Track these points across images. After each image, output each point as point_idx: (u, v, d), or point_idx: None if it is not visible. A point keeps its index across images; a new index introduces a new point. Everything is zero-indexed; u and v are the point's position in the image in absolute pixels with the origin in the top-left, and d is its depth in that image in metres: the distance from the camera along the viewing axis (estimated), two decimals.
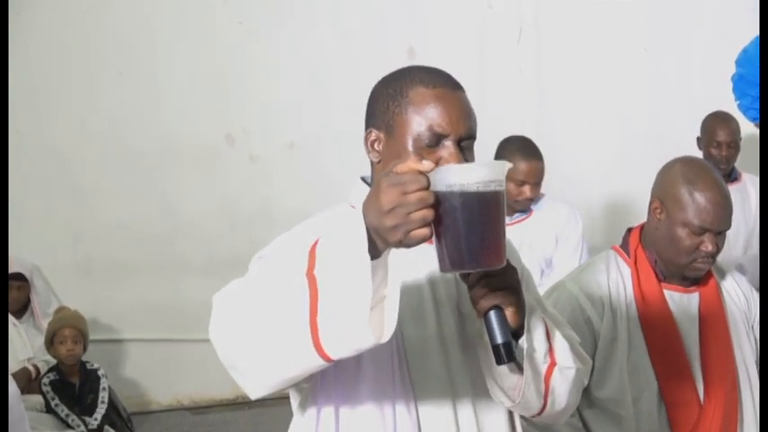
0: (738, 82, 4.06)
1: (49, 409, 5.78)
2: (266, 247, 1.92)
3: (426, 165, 1.54)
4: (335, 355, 1.57)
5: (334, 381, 1.89)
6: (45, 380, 5.84)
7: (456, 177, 1.54)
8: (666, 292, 2.94)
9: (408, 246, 1.54)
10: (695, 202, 2.81)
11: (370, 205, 1.54)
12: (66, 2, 6.71)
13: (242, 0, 6.95)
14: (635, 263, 2.97)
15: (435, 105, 1.84)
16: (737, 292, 3.07)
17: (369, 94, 1.98)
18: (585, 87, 7.08)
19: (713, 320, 2.94)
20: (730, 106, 5.29)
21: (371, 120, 1.95)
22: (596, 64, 7.07)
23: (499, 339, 1.75)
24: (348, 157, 6.90)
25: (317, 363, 1.59)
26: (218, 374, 6.99)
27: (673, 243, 2.86)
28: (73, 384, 5.91)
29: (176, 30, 6.88)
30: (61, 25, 6.70)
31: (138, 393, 6.97)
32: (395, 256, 1.57)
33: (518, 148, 4.61)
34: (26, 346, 6.18)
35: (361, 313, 1.52)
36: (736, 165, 5.39)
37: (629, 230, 3.08)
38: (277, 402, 7.28)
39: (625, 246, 3.04)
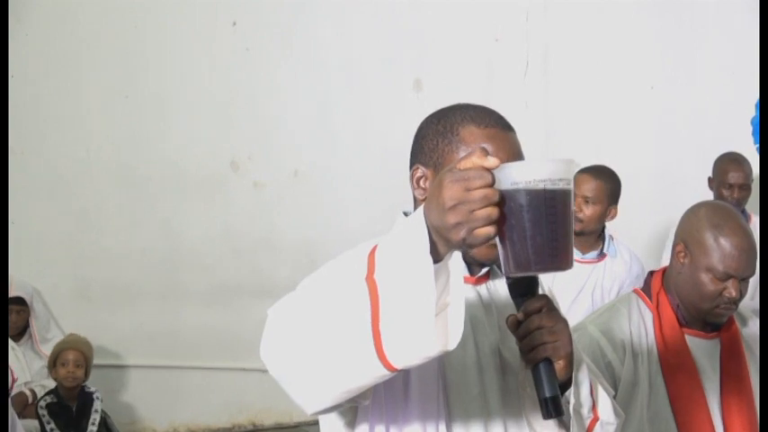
0: (758, 125, 4.05)
1: None
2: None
3: (492, 161, 1.45)
4: (400, 363, 1.49)
5: (384, 398, 1.82)
6: (42, 402, 5.78)
7: (522, 175, 1.47)
8: (688, 338, 2.90)
9: (472, 245, 1.46)
10: (720, 247, 2.77)
11: (431, 203, 1.46)
12: (74, 25, 6.69)
13: (250, 27, 6.95)
14: (657, 307, 2.94)
15: (487, 145, 1.78)
16: (757, 338, 3.03)
17: (416, 130, 1.95)
18: (592, 123, 7.06)
19: (735, 368, 2.91)
20: (737, 146, 5.30)
21: (419, 156, 1.91)
22: (603, 100, 7.06)
23: (548, 393, 1.72)
24: (352, 188, 6.97)
25: (380, 373, 1.51)
26: (215, 402, 7.00)
27: (696, 288, 2.82)
28: (70, 408, 5.86)
29: (183, 55, 6.87)
30: (69, 48, 6.69)
31: (134, 419, 6.92)
32: (456, 262, 1.50)
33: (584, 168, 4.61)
34: (24, 370, 6.13)
35: (426, 318, 1.44)
36: (746, 207, 5.36)
37: (651, 273, 3.05)
38: None
39: (647, 289, 3.00)
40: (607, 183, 4.62)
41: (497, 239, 1.51)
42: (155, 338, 6.87)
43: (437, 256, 1.46)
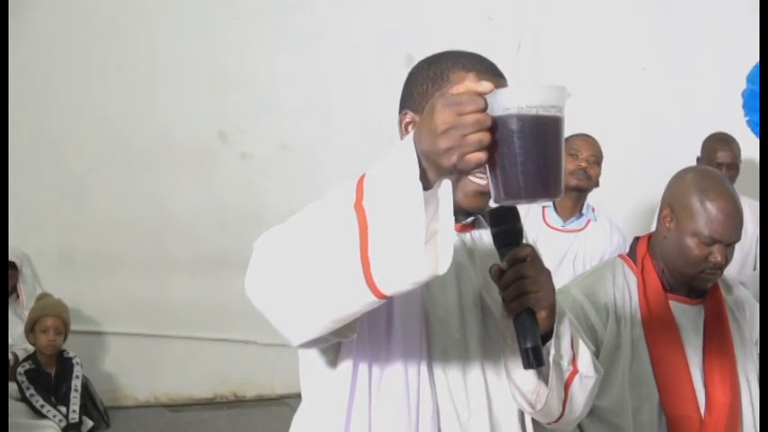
0: (749, 98, 4.05)
1: (23, 398, 5.70)
2: None
3: (485, 85, 1.43)
4: (389, 290, 1.46)
5: (368, 338, 1.81)
6: (20, 369, 5.79)
7: (514, 100, 1.44)
8: (672, 303, 2.89)
9: (463, 171, 1.44)
10: (707, 211, 2.76)
11: (422, 128, 1.44)
12: None
13: None
14: (641, 272, 2.93)
15: None
16: (742, 308, 3.03)
17: (407, 75, 1.93)
18: (583, 104, 7.05)
19: (718, 334, 2.90)
20: (729, 126, 5.30)
21: (408, 101, 1.90)
22: (594, 81, 7.05)
23: (529, 343, 1.71)
24: (341, 161, 6.94)
25: (368, 299, 1.48)
26: (197, 373, 6.99)
27: (681, 252, 2.81)
28: (49, 374, 5.86)
29: (176, 26, 6.85)
30: (61, 18, 6.67)
31: (115, 387, 6.91)
32: (446, 190, 1.47)
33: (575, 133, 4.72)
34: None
35: (415, 244, 1.42)
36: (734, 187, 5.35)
37: (637, 239, 3.03)
38: (255, 404, 7.23)
39: (632, 254, 2.99)
40: (597, 142, 4.76)
41: (488, 167, 1.48)
42: (138, 307, 6.86)
43: (427, 183, 1.44)
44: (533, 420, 1.97)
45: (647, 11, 7.00)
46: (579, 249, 4.71)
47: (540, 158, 1.46)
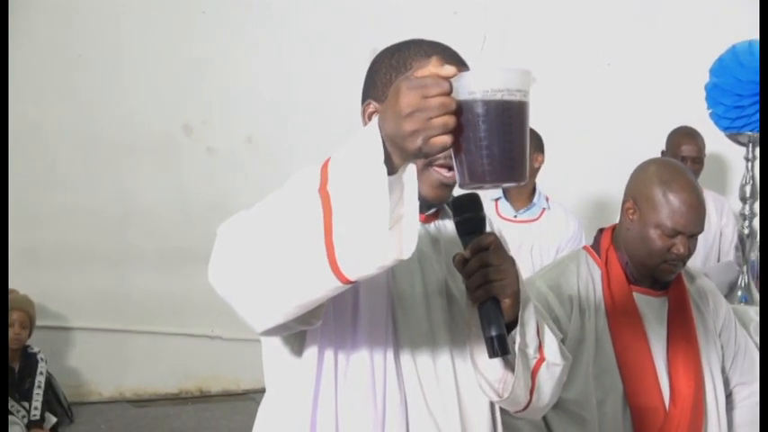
0: (712, 91, 4.06)
1: None
2: None
3: (449, 69, 1.43)
4: (353, 275, 1.45)
5: (333, 327, 1.80)
6: None
7: (479, 84, 1.43)
8: (636, 295, 2.90)
9: (428, 155, 1.44)
10: (669, 203, 2.78)
11: (387, 111, 1.43)
12: None
13: None
14: (605, 264, 2.94)
15: None
16: (706, 299, 3.05)
17: (369, 65, 1.91)
18: (548, 98, 7.06)
19: (681, 326, 2.91)
20: (693, 121, 5.33)
21: (371, 91, 1.88)
22: (560, 76, 7.06)
23: (494, 332, 1.70)
24: (306, 156, 6.88)
25: (333, 284, 1.47)
26: (162, 368, 6.92)
27: (644, 244, 2.83)
28: (12, 369, 5.80)
29: (140, 16, 6.81)
30: (21, 4, 6.57)
31: (79, 383, 6.86)
32: (410, 175, 1.46)
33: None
34: None
35: (379, 228, 1.41)
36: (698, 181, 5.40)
37: (601, 231, 3.05)
38: (220, 399, 7.18)
39: (596, 246, 3.00)
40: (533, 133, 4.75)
41: (453, 151, 1.48)
42: (103, 301, 6.82)
43: (392, 168, 1.43)
44: (501, 408, 1.97)
45: (612, 7, 7.02)
46: (536, 239, 4.73)
47: (505, 143, 1.45)
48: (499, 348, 1.69)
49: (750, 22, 5.25)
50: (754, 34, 4.24)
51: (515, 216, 4.81)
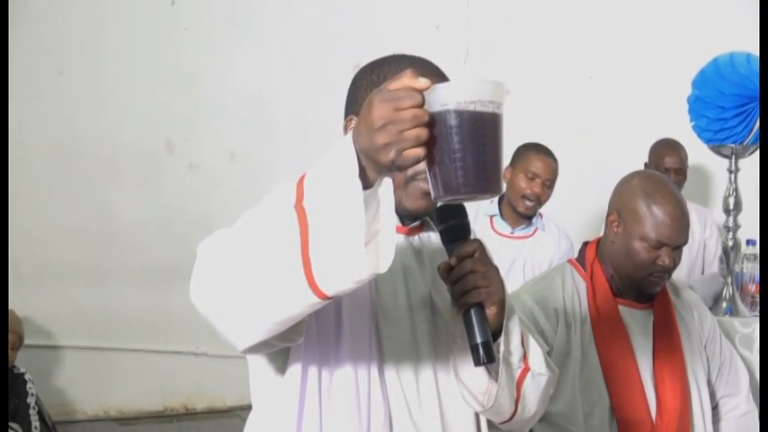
0: (694, 103, 4.07)
1: None
2: None
3: (422, 81, 1.42)
4: (331, 290, 1.45)
5: (316, 342, 1.80)
6: None
7: (451, 95, 1.43)
8: (621, 308, 2.91)
9: (401, 167, 1.43)
10: (653, 215, 2.79)
11: (360, 125, 1.43)
12: None
13: (189, 7, 6.89)
14: (591, 277, 2.94)
15: None
16: (691, 311, 3.05)
17: (351, 81, 1.92)
18: (531, 112, 7.08)
19: (667, 338, 2.92)
20: (676, 133, 5.34)
21: (353, 107, 1.89)
22: (542, 90, 7.08)
23: (479, 339, 1.69)
24: (289, 172, 6.86)
25: (311, 300, 1.46)
26: (147, 386, 6.87)
27: (629, 256, 2.84)
28: None
29: (122, 33, 6.79)
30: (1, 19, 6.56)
31: (63, 402, 6.80)
32: (386, 189, 1.46)
33: (533, 146, 4.82)
34: None
35: (355, 244, 1.41)
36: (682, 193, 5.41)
37: (586, 244, 3.05)
38: (206, 416, 7.12)
39: (581, 259, 3.01)
40: (555, 161, 4.89)
41: (426, 164, 1.47)
42: (86, 319, 6.78)
43: (367, 182, 1.43)
44: (489, 422, 1.97)
45: (594, 20, 7.04)
46: (528, 256, 4.74)
47: (479, 154, 1.45)
48: (485, 355, 1.68)
49: (732, 35, 5.28)
50: (736, 46, 4.26)
51: (512, 232, 4.81)
